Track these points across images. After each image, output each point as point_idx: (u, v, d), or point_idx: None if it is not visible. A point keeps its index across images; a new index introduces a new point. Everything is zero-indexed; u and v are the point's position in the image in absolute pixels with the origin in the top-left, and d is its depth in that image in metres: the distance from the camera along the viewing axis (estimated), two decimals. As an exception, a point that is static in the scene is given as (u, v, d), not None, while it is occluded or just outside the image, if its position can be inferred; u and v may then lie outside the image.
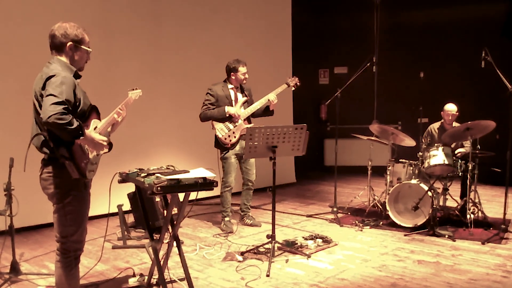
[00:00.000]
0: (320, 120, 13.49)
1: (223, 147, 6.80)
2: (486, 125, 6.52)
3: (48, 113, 3.20)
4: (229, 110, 6.69)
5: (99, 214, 7.14)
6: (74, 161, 3.50)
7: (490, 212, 7.61)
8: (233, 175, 6.87)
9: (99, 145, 3.64)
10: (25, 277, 4.97)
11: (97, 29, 7.55)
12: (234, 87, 6.91)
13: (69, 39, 3.62)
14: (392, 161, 7.44)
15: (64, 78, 3.41)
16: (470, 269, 5.14)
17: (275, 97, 6.77)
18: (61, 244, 3.68)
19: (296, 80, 6.94)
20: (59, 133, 3.35)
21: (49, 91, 3.31)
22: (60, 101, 3.27)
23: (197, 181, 3.93)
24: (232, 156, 6.80)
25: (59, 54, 3.65)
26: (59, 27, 3.63)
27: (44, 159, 3.62)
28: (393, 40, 12.45)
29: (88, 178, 3.67)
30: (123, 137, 7.11)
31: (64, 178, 3.54)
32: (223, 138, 6.73)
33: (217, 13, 9.56)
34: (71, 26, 3.65)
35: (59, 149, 3.45)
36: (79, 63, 3.74)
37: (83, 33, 3.71)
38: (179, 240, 4.37)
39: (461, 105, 7.82)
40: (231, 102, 6.84)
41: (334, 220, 7.37)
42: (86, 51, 3.75)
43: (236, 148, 6.81)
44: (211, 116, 6.75)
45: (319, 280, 4.88)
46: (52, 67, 3.52)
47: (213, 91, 6.83)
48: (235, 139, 6.75)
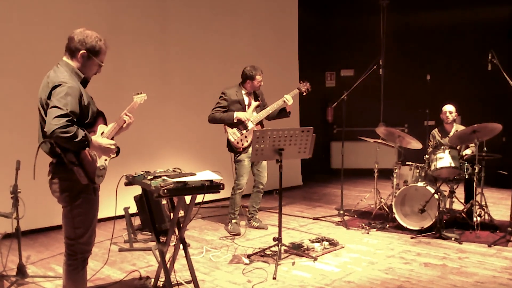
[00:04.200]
0: (326, 123, 13.48)
1: (236, 150, 6.81)
2: (492, 127, 6.51)
3: (52, 127, 3.19)
4: (238, 115, 6.69)
5: (105, 216, 7.13)
6: (82, 167, 3.50)
7: (497, 214, 7.59)
8: (245, 178, 6.89)
9: (107, 150, 3.63)
10: (31, 280, 4.98)
11: (104, 32, 7.44)
12: (248, 92, 6.92)
13: (85, 47, 3.59)
14: (398, 164, 7.43)
15: (70, 88, 3.38)
16: (477, 272, 5.12)
17: (290, 98, 6.74)
18: (69, 246, 3.70)
19: (308, 85, 6.93)
20: (64, 145, 3.35)
21: (53, 102, 3.29)
22: (64, 114, 3.25)
23: (204, 184, 3.93)
24: (245, 159, 6.81)
25: (70, 58, 3.63)
26: (80, 33, 3.61)
27: (52, 162, 3.62)
28: (399, 43, 12.43)
29: (97, 183, 3.68)
30: (130, 140, 7.14)
31: (73, 181, 3.55)
32: (235, 142, 6.73)
33: (224, 17, 9.57)
34: (92, 36, 3.64)
35: (67, 155, 3.45)
36: (87, 73, 3.70)
37: (101, 46, 3.69)
38: (185, 243, 4.38)
39: (467, 108, 7.82)
40: (244, 107, 6.85)
41: (341, 223, 7.36)
42: (98, 64, 3.72)
43: (249, 152, 6.80)
44: (220, 120, 6.76)
45: (326, 282, 4.88)
46: (59, 73, 3.50)
47: (226, 95, 6.82)
48: (247, 143, 6.75)
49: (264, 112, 6.84)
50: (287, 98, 6.72)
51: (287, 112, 6.92)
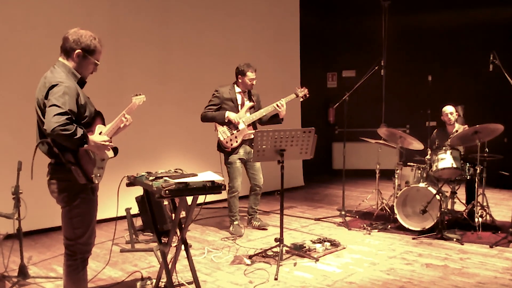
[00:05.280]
0: (328, 124, 13.49)
1: (224, 150, 6.79)
2: (494, 128, 6.50)
3: (52, 125, 3.21)
4: (229, 115, 6.66)
5: (107, 217, 7.17)
6: (80, 166, 3.51)
7: (498, 215, 7.58)
8: (239, 180, 6.86)
9: (102, 147, 3.65)
10: (33, 281, 5.00)
11: (103, 33, 7.51)
12: (242, 91, 6.90)
13: (80, 47, 3.59)
14: (400, 165, 7.43)
15: (67, 88, 3.40)
16: (478, 273, 5.12)
17: (283, 104, 6.69)
18: (69, 246, 3.70)
19: (306, 91, 6.87)
20: (63, 143, 3.36)
21: (52, 101, 3.31)
22: (63, 112, 3.27)
23: (205, 185, 3.93)
24: (236, 160, 6.80)
25: (66, 58, 3.64)
26: (74, 33, 3.61)
27: (51, 163, 3.63)
28: (401, 44, 12.43)
29: (95, 183, 3.68)
30: (131, 141, 7.17)
31: (71, 182, 3.56)
32: (225, 141, 6.72)
33: (225, 17, 9.59)
34: (86, 35, 3.63)
35: (64, 155, 3.46)
36: (83, 72, 3.71)
37: (96, 45, 3.68)
38: (187, 244, 4.37)
39: (469, 109, 7.81)
40: (237, 106, 6.82)
41: (342, 224, 7.36)
42: (94, 62, 3.72)
43: (240, 153, 6.79)
44: (211, 118, 6.75)
45: (327, 283, 4.88)
46: (56, 74, 3.51)
47: (219, 93, 6.81)
48: (237, 143, 6.73)
49: (257, 114, 6.80)
50: (282, 102, 6.68)
51: (280, 118, 6.89)
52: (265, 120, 6.99)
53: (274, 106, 6.69)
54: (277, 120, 6.94)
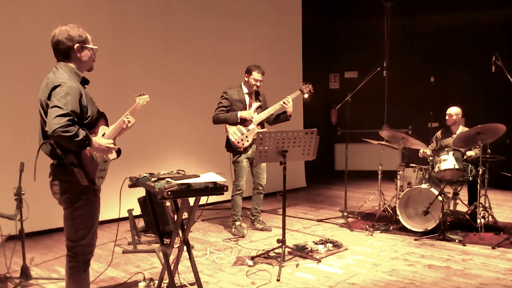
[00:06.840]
0: (330, 125, 13.49)
1: (235, 150, 6.81)
2: (496, 129, 6.49)
3: (53, 126, 3.20)
4: (242, 114, 6.70)
5: (109, 218, 7.18)
6: (83, 168, 3.50)
7: (501, 216, 7.58)
8: (244, 178, 6.88)
9: (107, 150, 3.63)
10: (35, 282, 5.00)
11: (107, 33, 7.60)
12: (249, 92, 6.92)
13: (75, 41, 3.57)
14: (402, 166, 7.43)
15: (70, 88, 3.38)
16: (481, 274, 5.11)
17: (289, 100, 6.72)
18: (71, 248, 3.70)
19: (310, 87, 6.90)
20: (65, 144, 3.36)
21: (54, 102, 3.30)
22: (65, 113, 3.26)
23: (208, 186, 3.93)
24: (244, 159, 6.81)
25: (66, 60, 3.61)
26: (61, 32, 3.57)
27: (53, 164, 3.63)
28: (403, 45, 12.43)
29: (97, 184, 3.67)
30: (133, 142, 7.16)
31: (74, 183, 3.55)
32: (236, 141, 6.73)
33: (228, 18, 9.59)
34: (72, 27, 3.60)
35: (67, 156, 3.45)
36: (88, 64, 3.71)
37: (84, 32, 3.66)
38: (189, 245, 4.37)
39: (471, 110, 7.80)
40: (245, 107, 6.85)
41: (345, 225, 7.36)
42: (92, 49, 3.71)
43: (248, 152, 6.81)
44: (224, 120, 6.76)
45: (330, 284, 4.87)
46: (59, 74, 3.50)
47: (228, 94, 6.83)
48: (248, 143, 6.76)
49: (266, 113, 6.84)
50: (288, 99, 6.71)
51: (288, 115, 6.93)
52: (271, 121, 7.01)
53: (281, 103, 6.74)
54: (285, 117, 6.97)
